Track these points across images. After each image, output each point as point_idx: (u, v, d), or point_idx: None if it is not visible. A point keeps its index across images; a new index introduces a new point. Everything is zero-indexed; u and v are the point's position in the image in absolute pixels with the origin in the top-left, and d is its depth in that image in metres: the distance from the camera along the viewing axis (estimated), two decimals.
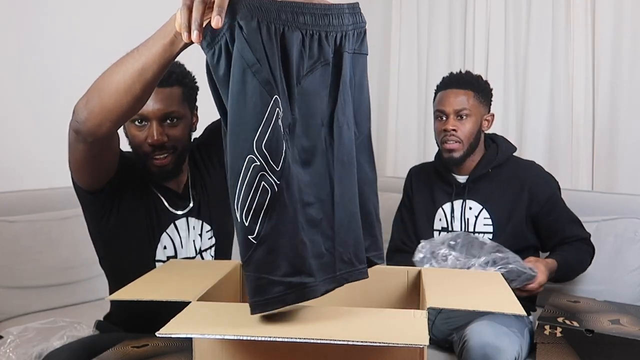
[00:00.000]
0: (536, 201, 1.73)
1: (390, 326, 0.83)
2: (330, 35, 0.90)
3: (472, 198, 1.77)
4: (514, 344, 1.44)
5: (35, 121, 2.20)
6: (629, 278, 1.93)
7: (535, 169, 1.81)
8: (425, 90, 3.12)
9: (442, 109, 1.77)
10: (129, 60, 0.95)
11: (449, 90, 1.78)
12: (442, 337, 1.65)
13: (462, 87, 1.77)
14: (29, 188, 2.12)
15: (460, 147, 1.74)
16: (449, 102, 1.75)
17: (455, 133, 1.74)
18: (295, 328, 0.82)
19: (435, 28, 3.07)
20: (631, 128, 2.43)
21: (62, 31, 2.25)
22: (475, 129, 1.76)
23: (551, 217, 1.75)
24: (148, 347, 1.23)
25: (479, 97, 1.78)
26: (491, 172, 1.77)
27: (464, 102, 1.75)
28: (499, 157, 1.78)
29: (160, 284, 1.07)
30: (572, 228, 1.76)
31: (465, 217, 1.77)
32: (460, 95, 1.76)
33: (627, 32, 2.43)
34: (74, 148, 1.15)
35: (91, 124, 1.02)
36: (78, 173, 1.25)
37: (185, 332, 0.79)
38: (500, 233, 1.73)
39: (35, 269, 1.99)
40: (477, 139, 1.78)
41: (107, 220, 1.34)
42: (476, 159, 1.79)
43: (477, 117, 1.77)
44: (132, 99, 0.97)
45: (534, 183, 1.75)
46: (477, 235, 1.67)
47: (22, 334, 1.46)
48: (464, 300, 1.03)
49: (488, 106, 1.83)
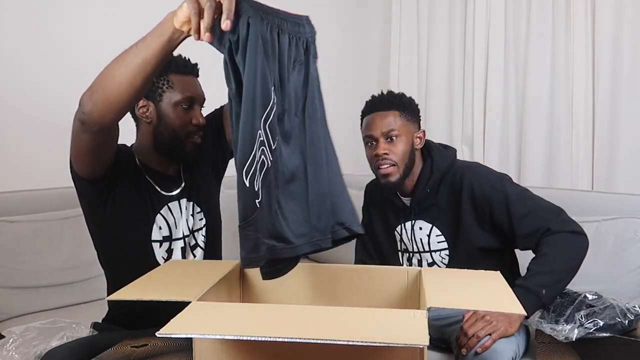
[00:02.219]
0: (479, 205, 1.64)
1: (390, 326, 0.83)
2: (301, 40, 1.06)
3: (420, 218, 1.72)
4: (511, 344, 1.43)
5: (35, 121, 2.20)
6: (629, 278, 1.93)
7: (470, 171, 1.69)
8: (425, 90, 3.12)
9: (370, 134, 1.69)
10: (129, 56, 1.03)
11: (374, 113, 1.70)
12: (436, 336, 1.65)
13: (386, 109, 1.70)
14: (29, 188, 2.12)
15: (395, 171, 1.67)
16: (376, 125, 1.68)
17: (388, 156, 1.66)
18: (295, 328, 0.82)
19: (435, 28, 3.07)
20: (631, 128, 2.43)
21: (62, 32, 2.25)
22: (407, 149, 1.68)
23: (501, 216, 1.61)
24: (148, 347, 1.23)
25: (405, 115, 1.71)
26: (430, 191, 1.70)
27: (391, 123, 1.68)
28: (434, 173, 1.70)
29: (160, 284, 1.07)
30: (525, 223, 1.59)
31: (418, 237, 1.73)
32: (387, 116, 1.69)
33: (627, 32, 2.43)
34: (79, 138, 1.22)
35: (96, 114, 1.10)
36: (80, 162, 1.31)
37: (185, 332, 0.79)
38: (455, 248, 1.68)
39: (35, 269, 1.99)
40: (412, 159, 1.70)
41: (104, 208, 1.40)
42: (415, 177, 1.72)
43: (408, 136, 1.69)
44: (133, 91, 1.06)
45: (470, 188, 1.65)
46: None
47: (24, 333, 1.47)
48: (464, 300, 1.03)
49: (417, 123, 1.76)
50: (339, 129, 1.28)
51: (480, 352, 1.39)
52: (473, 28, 2.86)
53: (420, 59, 3.14)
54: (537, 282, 1.49)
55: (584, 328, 1.45)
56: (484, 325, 1.42)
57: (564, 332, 1.45)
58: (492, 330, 1.41)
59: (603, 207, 2.06)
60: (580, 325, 1.45)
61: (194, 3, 0.90)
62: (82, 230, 2.04)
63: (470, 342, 1.41)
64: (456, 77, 3.01)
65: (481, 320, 1.43)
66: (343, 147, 1.12)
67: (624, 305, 1.51)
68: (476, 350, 1.39)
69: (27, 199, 2.07)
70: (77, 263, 2.08)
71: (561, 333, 1.46)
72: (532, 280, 1.50)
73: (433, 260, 1.73)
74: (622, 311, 1.49)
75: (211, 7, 0.89)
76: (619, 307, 1.50)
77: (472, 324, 1.43)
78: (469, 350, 1.40)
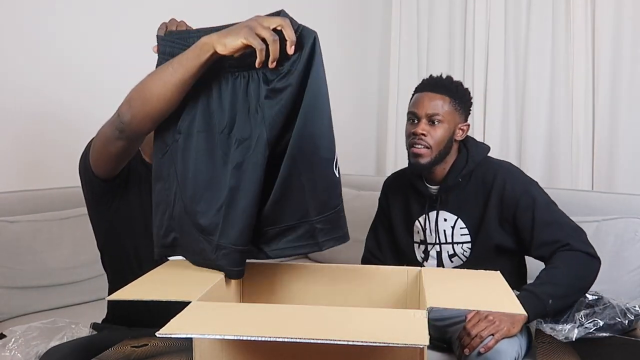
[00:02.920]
0: (505, 204, 1.64)
1: (390, 326, 0.83)
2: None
3: (445, 209, 1.71)
4: (513, 344, 1.43)
5: (35, 122, 2.20)
6: (629, 278, 1.93)
7: (505, 170, 1.70)
8: None
9: (414, 111, 1.69)
10: (165, 74, 1.10)
11: (425, 93, 1.70)
12: (437, 336, 1.65)
13: (438, 92, 1.69)
14: (29, 188, 2.12)
15: (428, 153, 1.66)
16: (423, 105, 1.67)
17: (424, 138, 1.65)
18: (295, 328, 0.82)
19: (435, 28, 3.07)
20: (631, 128, 2.43)
21: (65, 35, 2.25)
22: (446, 137, 1.67)
23: (524, 219, 1.62)
24: (148, 347, 1.23)
25: (455, 104, 1.69)
26: (462, 181, 1.69)
27: (438, 107, 1.66)
28: (469, 164, 1.69)
29: (160, 284, 1.07)
30: (546, 232, 1.59)
31: (442, 228, 1.72)
32: (436, 99, 1.67)
33: (627, 33, 2.43)
34: (111, 144, 1.25)
35: (135, 125, 1.16)
36: (103, 163, 1.33)
37: (185, 332, 0.79)
38: (478, 242, 1.68)
39: (35, 269, 1.99)
40: (448, 147, 1.69)
41: (109, 205, 1.42)
42: (447, 166, 1.71)
43: (451, 125, 1.68)
44: (170, 105, 1.13)
45: (501, 186, 1.65)
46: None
47: (26, 332, 1.47)
48: (464, 300, 1.03)
49: (465, 115, 1.74)
50: (339, 129, 1.28)
51: (483, 352, 1.39)
52: (473, 28, 2.86)
53: (420, 59, 3.14)
54: (546, 291, 1.49)
55: (584, 328, 1.45)
56: (487, 326, 1.42)
57: (563, 332, 1.46)
58: (495, 331, 1.41)
59: (603, 207, 2.06)
60: (580, 325, 1.46)
61: (256, 39, 1.00)
62: (82, 230, 2.05)
63: (473, 342, 1.41)
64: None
65: (484, 321, 1.43)
66: (343, 147, 1.11)
67: (624, 305, 1.51)
68: (479, 350, 1.39)
69: (27, 199, 2.07)
70: (77, 263, 2.08)
71: (561, 333, 1.46)
72: (541, 287, 1.50)
73: (454, 252, 1.72)
74: (622, 311, 1.49)
75: (276, 41, 1.00)
76: (619, 307, 1.50)
77: (475, 323, 1.43)
78: (472, 350, 1.40)
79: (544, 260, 1.61)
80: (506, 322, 1.43)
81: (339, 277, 1.22)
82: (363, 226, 2.40)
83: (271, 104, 1.03)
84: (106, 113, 1.25)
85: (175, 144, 1.15)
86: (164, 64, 1.11)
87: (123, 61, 2.33)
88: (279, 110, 1.03)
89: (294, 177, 1.04)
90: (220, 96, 1.11)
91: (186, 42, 1.10)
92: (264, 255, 1.12)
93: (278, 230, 1.09)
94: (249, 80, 1.08)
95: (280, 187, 1.05)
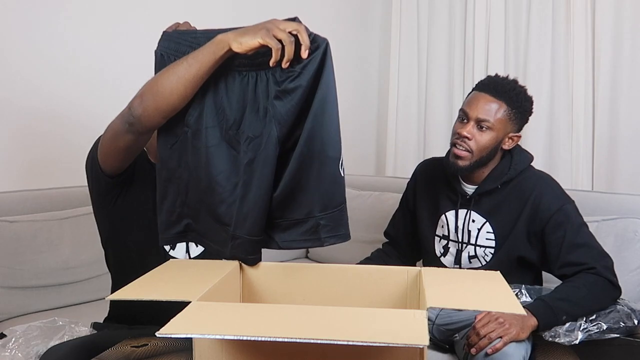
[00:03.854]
0: (538, 217, 1.59)
1: (390, 326, 0.83)
2: None
3: (476, 210, 1.67)
4: (521, 348, 1.42)
5: (35, 122, 2.20)
6: (629, 278, 1.93)
7: (544, 183, 1.65)
8: (425, 91, 3.12)
9: (466, 111, 1.61)
10: (180, 69, 1.13)
11: (482, 93, 1.61)
12: (442, 338, 1.65)
13: (496, 96, 1.60)
14: (29, 188, 2.12)
15: (468, 157, 1.60)
16: (476, 106, 1.59)
17: (468, 141, 1.59)
18: (295, 328, 0.82)
19: (435, 28, 3.07)
20: (631, 128, 2.43)
21: (65, 33, 2.25)
22: (492, 145, 1.60)
23: (554, 236, 1.58)
24: (148, 347, 1.24)
25: (510, 112, 1.60)
26: (500, 187, 1.65)
27: (491, 113, 1.58)
28: (511, 171, 1.64)
29: (160, 283, 1.07)
30: (574, 253, 1.55)
31: (468, 228, 1.69)
32: (491, 103, 1.59)
33: (627, 32, 2.43)
34: (120, 138, 1.26)
35: (145, 119, 1.18)
36: (111, 159, 1.35)
37: (185, 332, 0.79)
38: (502, 250, 1.65)
39: (35, 269, 1.99)
40: (492, 155, 1.63)
41: (114, 202, 1.44)
42: (487, 170, 1.66)
43: (500, 133, 1.60)
44: (182, 100, 1.16)
45: (538, 198, 1.60)
46: None
47: (26, 332, 1.48)
48: (464, 300, 1.03)
49: (519, 125, 1.65)
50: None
51: (490, 353, 1.38)
52: (473, 28, 2.86)
53: (420, 59, 3.14)
54: (562, 307, 1.48)
55: (587, 332, 1.44)
56: (497, 327, 1.41)
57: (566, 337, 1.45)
58: (504, 333, 1.40)
59: (603, 207, 2.06)
60: (584, 329, 1.45)
61: (273, 39, 1.04)
62: (82, 230, 2.06)
63: (482, 343, 1.40)
64: (456, 77, 3.01)
65: (494, 322, 1.42)
66: (343, 147, 1.11)
67: (629, 307, 1.50)
68: (486, 351, 1.38)
69: (27, 199, 2.07)
70: (77, 263, 2.08)
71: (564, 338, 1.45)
72: (559, 303, 1.48)
73: (476, 254, 1.70)
74: (627, 314, 1.48)
75: (292, 43, 1.05)
76: (624, 310, 1.49)
77: (485, 324, 1.42)
78: (479, 351, 1.40)
79: (565, 279, 1.58)
80: (516, 326, 1.41)
81: (339, 277, 1.22)
82: (363, 226, 2.40)
83: (282, 103, 1.08)
84: (107, 112, 1.25)
85: (185, 137, 1.19)
86: (177, 60, 1.14)
87: (125, 61, 2.33)
88: (290, 109, 1.08)
89: (303, 174, 1.10)
90: (227, 93, 1.15)
91: (196, 41, 1.14)
92: (275, 245, 1.18)
93: (288, 222, 1.15)
94: (257, 80, 1.12)
95: (290, 183, 1.11)
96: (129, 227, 1.45)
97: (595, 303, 1.51)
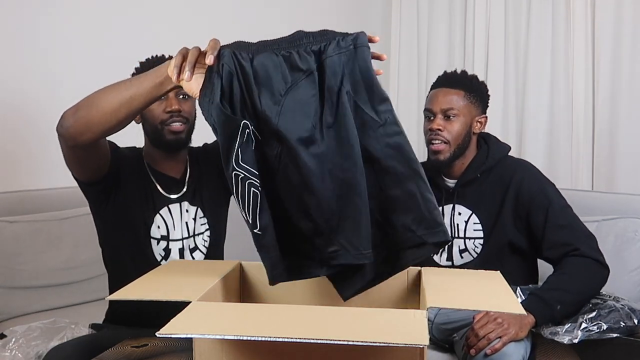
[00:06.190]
0: (521, 202, 1.64)
1: (390, 326, 0.83)
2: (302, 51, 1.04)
3: (461, 203, 1.71)
4: (520, 348, 1.42)
5: (35, 121, 2.20)
6: (629, 278, 1.93)
7: (524, 168, 1.71)
8: (425, 91, 3.11)
9: (430, 108, 1.70)
10: (121, 88, 1.10)
11: (439, 89, 1.71)
12: (442, 337, 1.65)
13: (452, 87, 1.70)
14: (29, 188, 2.12)
15: (446, 149, 1.67)
16: (437, 101, 1.69)
17: (441, 133, 1.66)
18: (296, 328, 0.82)
19: (435, 28, 3.07)
20: (631, 128, 2.43)
21: (65, 33, 2.25)
22: (463, 130, 1.68)
23: (538, 219, 1.62)
24: (148, 347, 1.24)
25: (470, 97, 1.70)
26: (480, 176, 1.70)
27: (452, 102, 1.67)
28: (489, 160, 1.70)
29: (161, 283, 1.07)
30: (559, 234, 1.60)
31: (455, 222, 1.72)
32: (450, 94, 1.69)
33: (627, 32, 2.43)
34: (61, 147, 1.27)
35: (74, 130, 1.15)
36: (70, 167, 1.36)
37: (185, 332, 0.79)
38: (491, 239, 1.68)
39: (35, 269, 1.99)
40: (466, 141, 1.70)
41: (105, 206, 1.45)
42: (466, 161, 1.72)
43: (467, 118, 1.69)
44: (114, 120, 1.12)
45: (519, 183, 1.66)
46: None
47: (26, 332, 1.48)
48: (464, 300, 1.03)
49: (482, 107, 1.74)
50: None
51: (489, 353, 1.38)
52: (473, 28, 2.86)
53: (420, 59, 3.14)
54: (554, 297, 1.49)
55: (587, 331, 1.44)
56: (495, 328, 1.41)
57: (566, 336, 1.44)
58: (503, 333, 1.40)
59: (603, 207, 2.06)
60: (584, 329, 1.45)
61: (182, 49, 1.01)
62: (82, 230, 2.05)
63: (480, 343, 1.40)
64: None
65: (493, 322, 1.42)
66: None
67: (629, 307, 1.49)
68: (486, 352, 1.38)
69: (27, 199, 2.07)
70: (77, 263, 2.08)
71: (564, 337, 1.45)
72: (549, 293, 1.50)
73: (466, 247, 1.71)
74: (627, 314, 1.48)
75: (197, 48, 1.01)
76: (624, 310, 1.49)
77: (483, 325, 1.42)
78: (478, 352, 1.40)
79: (553, 263, 1.62)
80: (514, 326, 1.42)
81: None
82: None
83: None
84: None
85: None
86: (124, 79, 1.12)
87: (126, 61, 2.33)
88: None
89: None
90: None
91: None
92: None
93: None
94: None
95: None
96: (122, 223, 1.46)
97: (585, 285, 1.54)
